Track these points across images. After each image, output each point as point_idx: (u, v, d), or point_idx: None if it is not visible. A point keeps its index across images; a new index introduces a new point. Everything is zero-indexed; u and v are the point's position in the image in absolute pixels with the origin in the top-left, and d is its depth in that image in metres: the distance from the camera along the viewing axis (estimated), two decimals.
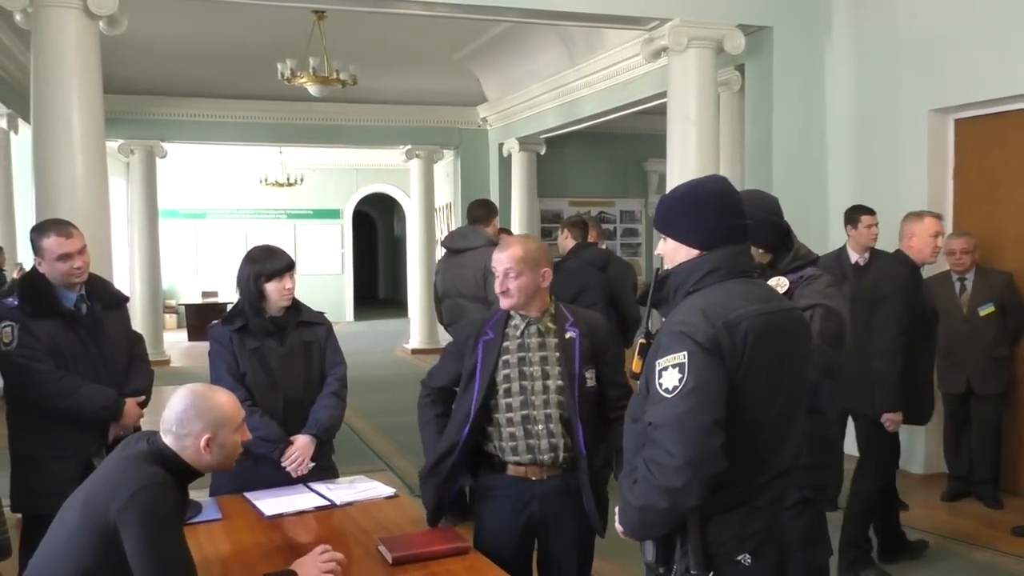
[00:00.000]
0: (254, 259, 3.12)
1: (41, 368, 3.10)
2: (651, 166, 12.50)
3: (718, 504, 1.87)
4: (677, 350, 1.82)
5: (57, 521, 2.10)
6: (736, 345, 1.84)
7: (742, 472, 1.88)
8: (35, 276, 3.25)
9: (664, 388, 1.82)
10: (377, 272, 23.28)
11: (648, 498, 1.83)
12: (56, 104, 4.88)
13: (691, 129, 6.04)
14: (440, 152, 12.75)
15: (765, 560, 1.95)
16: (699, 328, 1.82)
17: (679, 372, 1.80)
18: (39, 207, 4.83)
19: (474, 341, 2.68)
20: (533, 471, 2.62)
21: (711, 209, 1.97)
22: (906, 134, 5.77)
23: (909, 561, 4.32)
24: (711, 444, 1.77)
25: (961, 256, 5.03)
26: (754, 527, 1.92)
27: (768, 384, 1.90)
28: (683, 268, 1.97)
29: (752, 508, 1.92)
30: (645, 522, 1.89)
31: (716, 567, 1.89)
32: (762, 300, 1.94)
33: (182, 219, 16.44)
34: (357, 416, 7.40)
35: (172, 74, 10.16)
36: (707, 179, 2.08)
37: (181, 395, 2.17)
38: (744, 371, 1.85)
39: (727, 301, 1.88)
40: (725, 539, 1.89)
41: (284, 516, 2.79)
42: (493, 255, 2.66)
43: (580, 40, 8.57)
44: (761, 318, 1.89)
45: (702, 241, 1.96)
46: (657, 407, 1.83)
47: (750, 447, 1.89)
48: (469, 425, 2.60)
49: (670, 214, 2.03)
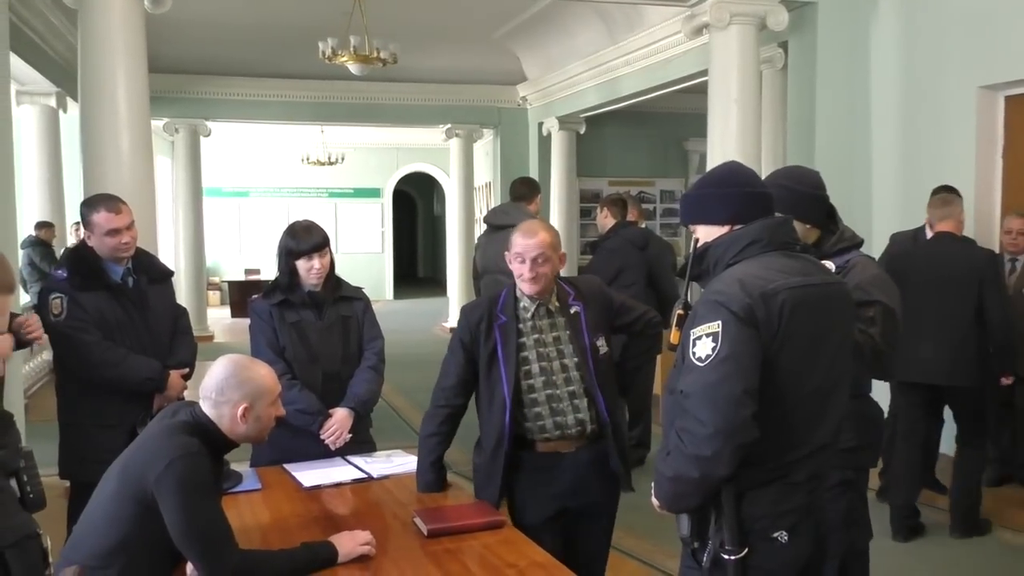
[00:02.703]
0: (289, 235, 3.16)
1: (89, 339, 3.17)
2: (692, 146, 12.37)
3: (751, 479, 1.86)
4: (712, 319, 1.83)
5: (99, 489, 2.16)
6: (772, 316, 1.83)
7: (775, 447, 1.87)
8: (84, 249, 3.33)
9: (697, 357, 1.83)
10: (416, 251, 23.41)
11: (680, 468, 1.84)
12: (103, 83, 4.96)
13: (733, 108, 5.96)
14: (480, 131, 12.74)
15: (803, 538, 1.93)
16: (735, 298, 1.83)
17: (712, 341, 1.81)
18: (87, 184, 4.93)
19: (487, 325, 2.70)
20: (562, 445, 2.67)
21: (728, 183, 2.00)
22: (954, 112, 5.63)
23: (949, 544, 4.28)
24: (742, 413, 1.77)
25: (1017, 236, 4.92)
26: (790, 504, 1.90)
27: (805, 358, 1.89)
28: (723, 241, 1.97)
29: (787, 484, 1.90)
30: (678, 493, 1.90)
31: (751, 544, 1.88)
32: (803, 273, 1.93)
33: (225, 197, 16.67)
34: (395, 393, 7.48)
35: (216, 53, 10.27)
36: (717, 165, 2.14)
37: (223, 364, 2.22)
38: (780, 343, 1.84)
39: (766, 273, 1.88)
40: (759, 516, 1.88)
41: (322, 488, 2.83)
42: (517, 240, 2.64)
43: (620, 18, 8.49)
44: (800, 291, 1.88)
45: (730, 215, 1.98)
46: (689, 376, 1.84)
47: (784, 421, 1.88)
48: (508, 412, 2.64)
49: (690, 203, 2.08)
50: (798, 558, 1.94)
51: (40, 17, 7.65)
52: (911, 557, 4.16)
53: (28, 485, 1.20)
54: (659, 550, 4.14)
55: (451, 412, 2.80)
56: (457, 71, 11.45)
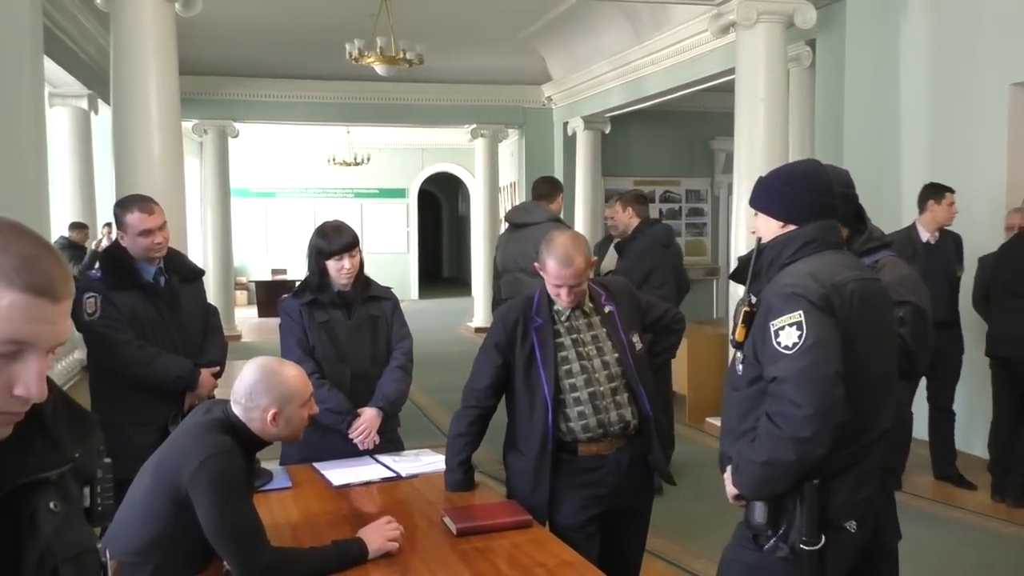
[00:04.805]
0: (319, 235, 3.19)
1: (121, 338, 3.21)
2: (718, 144, 12.30)
3: (832, 466, 1.93)
4: (792, 309, 1.91)
5: (134, 486, 2.19)
6: (845, 304, 1.94)
7: (853, 430, 1.94)
8: (117, 249, 3.37)
9: (783, 346, 1.90)
10: (441, 251, 23.46)
11: (774, 451, 1.90)
12: (134, 85, 5.03)
13: (760, 106, 5.93)
14: (505, 131, 12.75)
15: (867, 527, 2.02)
16: (810, 288, 1.92)
17: (797, 330, 1.88)
18: (118, 185, 5.00)
19: (523, 328, 2.71)
20: (603, 447, 2.68)
21: (799, 186, 2.08)
22: (985, 110, 5.56)
23: (957, 544, 4.24)
24: (836, 393, 1.86)
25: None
26: (863, 493, 1.99)
27: (872, 344, 2.00)
28: (778, 241, 2.07)
29: (862, 472, 1.98)
30: (768, 477, 1.94)
31: (826, 533, 1.93)
32: (857, 268, 2.06)
33: (253, 198, 16.81)
34: (421, 392, 7.51)
35: (244, 55, 10.37)
36: (800, 161, 2.26)
37: (251, 368, 2.24)
38: (853, 329, 1.94)
39: (829, 267, 1.99)
40: (837, 504, 1.95)
41: (351, 486, 2.85)
42: (554, 268, 2.62)
43: (646, 17, 8.46)
44: (862, 283, 2.00)
45: (790, 214, 2.06)
46: (778, 364, 1.91)
47: (859, 404, 1.95)
48: (551, 413, 2.64)
49: (761, 191, 2.15)
50: (861, 547, 2.02)
51: (72, 20, 7.76)
52: (940, 559, 4.12)
53: (100, 497, 1.20)
54: (687, 551, 4.13)
55: (482, 413, 2.80)
56: (482, 71, 11.47)
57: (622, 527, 2.80)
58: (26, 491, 1.07)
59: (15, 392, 0.99)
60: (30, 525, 1.06)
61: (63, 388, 1.20)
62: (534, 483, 2.69)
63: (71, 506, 1.13)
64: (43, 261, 0.99)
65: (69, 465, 1.12)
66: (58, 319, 1.01)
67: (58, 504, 1.09)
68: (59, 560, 1.07)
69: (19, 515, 1.06)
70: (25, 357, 0.99)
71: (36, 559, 1.06)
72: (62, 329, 1.02)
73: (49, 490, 1.09)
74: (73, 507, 1.14)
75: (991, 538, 4.42)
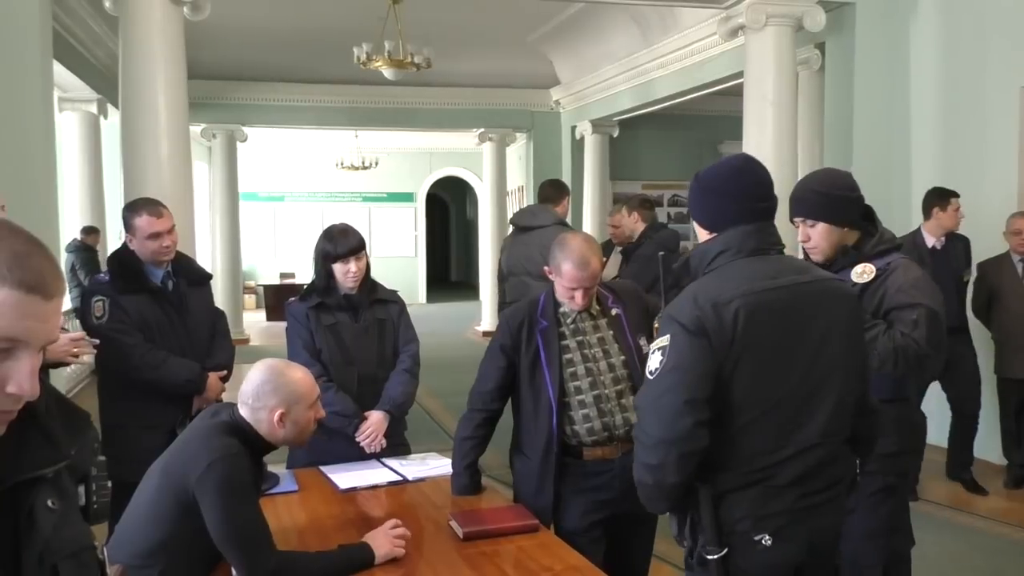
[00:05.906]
0: (326, 238, 3.19)
1: (130, 341, 3.22)
2: (727, 148, 12.24)
3: (726, 483, 1.89)
4: (663, 333, 1.89)
5: (140, 489, 2.19)
6: (725, 325, 1.82)
7: (748, 451, 1.87)
8: (125, 253, 3.37)
9: (649, 371, 1.90)
10: (449, 255, 23.48)
11: (638, 474, 1.92)
12: (143, 89, 5.05)
13: (769, 110, 5.91)
14: (513, 135, 12.75)
15: (790, 544, 1.90)
16: (684, 311, 1.86)
17: (661, 355, 1.86)
18: (127, 189, 5.01)
19: (528, 330, 2.70)
20: (608, 451, 2.66)
21: (718, 191, 1.98)
22: (995, 113, 5.53)
23: (969, 550, 4.22)
24: (684, 422, 1.80)
25: None
26: (772, 508, 1.88)
27: (773, 361, 1.86)
28: (697, 251, 2.01)
29: (768, 488, 1.88)
30: (645, 496, 1.96)
31: (732, 545, 1.89)
32: (770, 277, 1.89)
33: (261, 202, 16.85)
34: (429, 396, 7.51)
35: (252, 59, 10.40)
36: (727, 159, 2.07)
37: (259, 369, 2.24)
38: (739, 350, 1.83)
39: (723, 283, 1.87)
40: (738, 518, 1.88)
41: (358, 490, 2.84)
42: (570, 271, 2.61)
43: (654, 20, 8.46)
44: (760, 296, 1.85)
45: (711, 222, 1.99)
46: (642, 389, 1.94)
47: (755, 426, 1.86)
48: (555, 416, 2.63)
49: (689, 196, 2.08)
50: (785, 564, 1.92)
51: (81, 24, 7.79)
52: (951, 564, 4.09)
53: (95, 495, 1.20)
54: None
55: (488, 416, 2.80)
56: (490, 75, 11.48)
57: (630, 533, 2.77)
58: (23, 489, 1.06)
59: (8, 390, 0.98)
60: (29, 523, 1.06)
61: (65, 391, 1.19)
62: (538, 486, 2.69)
63: (68, 503, 1.12)
64: (34, 258, 0.99)
65: (65, 462, 1.11)
66: (50, 316, 1.01)
67: (56, 501, 1.09)
68: (58, 557, 1.07)
69: (17, 513, 1.06)
70: (17, 355, 0.98)
71: (36, 556, 1.05)
72: (54, 326, 1.02)
73: (46, 487, 1.09)
74: (70, 504, 1.13)
75: (1003, 544, 4.40)
